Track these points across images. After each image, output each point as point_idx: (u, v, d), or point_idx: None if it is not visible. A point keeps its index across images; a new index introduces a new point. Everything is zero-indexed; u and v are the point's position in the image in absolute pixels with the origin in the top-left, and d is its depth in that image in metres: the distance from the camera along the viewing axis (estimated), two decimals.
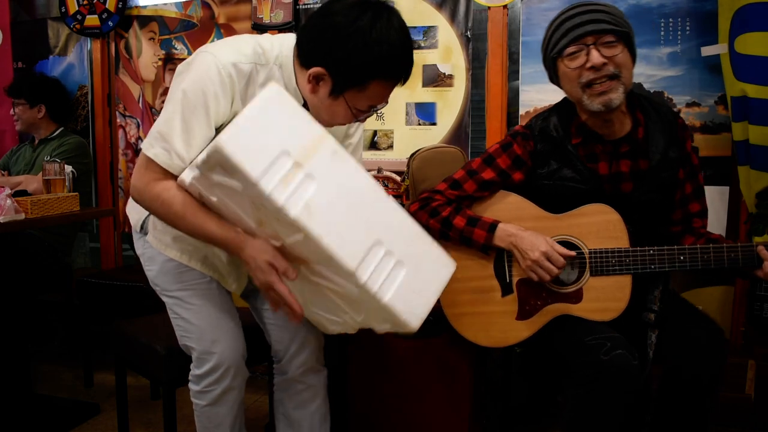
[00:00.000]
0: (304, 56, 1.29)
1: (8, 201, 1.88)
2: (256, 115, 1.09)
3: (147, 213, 1.53)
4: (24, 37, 3.17)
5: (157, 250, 1.51)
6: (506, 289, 1.61)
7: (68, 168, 2.33)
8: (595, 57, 1.43)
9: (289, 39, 1.35)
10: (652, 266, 1.49)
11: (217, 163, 1.09)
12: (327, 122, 1.33)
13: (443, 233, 1.61)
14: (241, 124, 1.08)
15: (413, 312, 1.18)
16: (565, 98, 1.63)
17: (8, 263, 2.13)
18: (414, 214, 1.64)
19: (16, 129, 2.84)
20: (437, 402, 1.87)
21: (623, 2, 2.29)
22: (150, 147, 1.30)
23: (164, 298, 1.53)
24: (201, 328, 1.45)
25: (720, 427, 2.13)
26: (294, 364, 1.57)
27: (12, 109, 2.81)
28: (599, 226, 1.53)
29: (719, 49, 2.06)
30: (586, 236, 1.54)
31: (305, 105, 1.35)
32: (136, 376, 1.91)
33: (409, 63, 1.29)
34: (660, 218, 1.60)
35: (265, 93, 1.12)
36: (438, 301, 1.69)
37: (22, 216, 1.93)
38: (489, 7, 2.45)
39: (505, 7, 2.44)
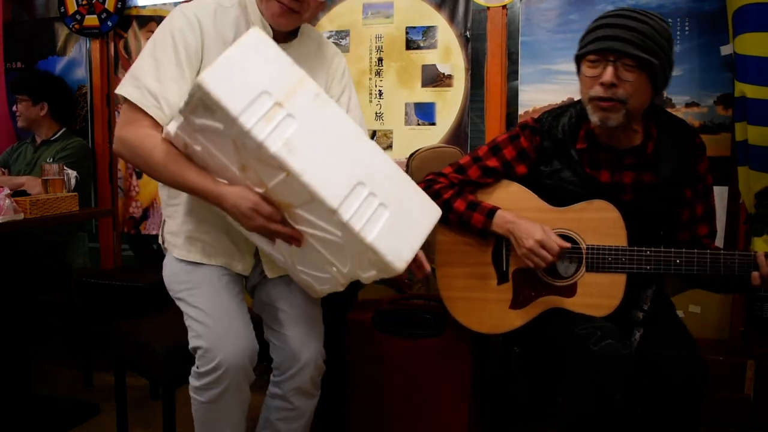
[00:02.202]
0: None
1: (7, 201, 1.88)
2: (238, 56, 1.12)
3: (163, 220, 1.56)
4: (23, 37, 3.17)
5: (170, 254, 1.55)
6: (502, 278, 1.62)
7: (73, 173, 2.34)
8: (607, 75, 1.43)
9: None
10: (648, 267, 1.49)
11: (199, 102, 1.10)
12: (272, 17, 1.37)
13: (443, 216, 1.62)
14: (223, 62, 1.10)
15: (398, 254, 1.17)
16: (581, 100, 1.62)
17: (8, 263, 2.13)
18: None
19: (18, 125, 2.84)
20: (437, 402, 1.87)
21: (623, 2, 2.29)
22: (121, 87, 1.34)
23: (176, 302, 1.53)
24: (206, 325, 1.43)
25: (719, 427, 2.13)
26: (289, 385, 1.55)
27: (14, 105, 2.81)
28: (599, 222, 1.54)
29: (729, 49, 2.06)
30: (585, 231, 1.55)
31: (277, 39, 1.39)
32: (136, 376, 1.91)
33: None
34: (659, 231, 1.60)
35: (247, 36, 1.14)
36: (437, 287, 1.70)
37: (21, 216, 1.92)
38: (488, 8, 2.45)
39: (504, 7, 2.44)
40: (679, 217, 1.59)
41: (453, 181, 1.65)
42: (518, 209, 1.59)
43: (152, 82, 1.31)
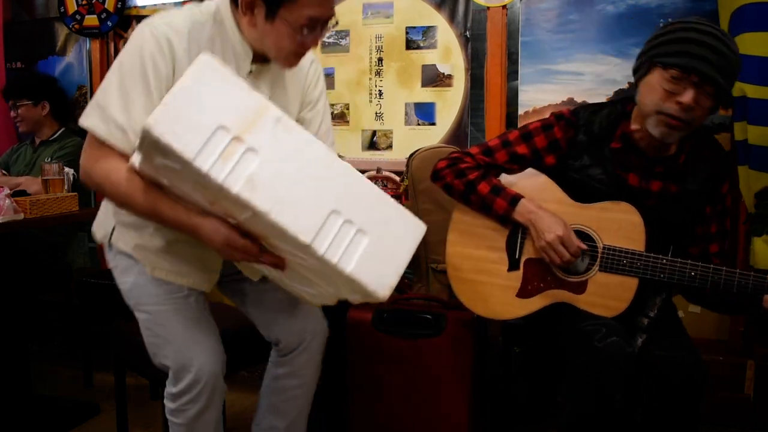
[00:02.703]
0: None
1: (7, 201, 1.88)
2: (186, 91, 1.04)
3: (112, 226, 1.49)
4: (23, 37, 3.17)
5: (128, 262, 1.47)
6: (513, 265, 1.61)
7: (70, 170, 2.33)
8: (688, 97, 1.38)
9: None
10: (662, 275, 1.48)
11: (151, 146, 1.05)
12: (277, 54, 1.29)
13: (465, 195, 1.62)
14: (170, 102, 1.02)
15: (380, 281, 1.12)
16: (622, 99, 1.61)
17: (8, 263, 2.13)
18: (440, 171, 1.66)
19: (21, 131, 2.82)
20: (437, 402, 1.87)
21: (623, 2, 2.30)
22: (86, 117, 1.25)
23: (138, 314, 1.47)
24: (177, 344, 1.40)
25: (719, 427, 2.13)
26: (301, 359, 1.53)
27: (13, 111, 2.77)
28: (620, 224, 1.52)
29: None
30: (604, 231, 1.54)
31: (256, 57, 1.33)
32: (136, 376, 1.91)
33: None
34: (673, 242, 1.60)
35: (195, 66, 1.06)
36: (437, 279, 1.70)
37: (21, 216, 1.92)
38: (488, 7, 2.45)
39: (504, 7, 2.44)
40: (694, 231, 1.59)
41: (479, 162, 1.63)
42: (540, 199, 1.58)
43: (120, 115, 1.23)
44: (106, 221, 1.51)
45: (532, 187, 1.62)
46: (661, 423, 1.43)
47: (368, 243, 1.11)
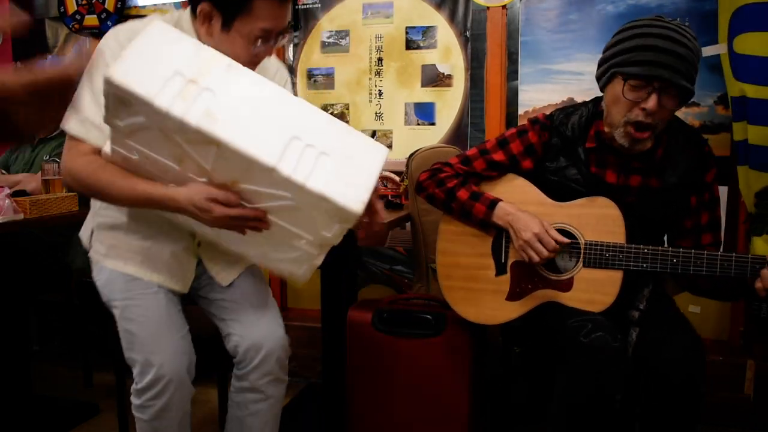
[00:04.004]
0: (192, 3, 1.32)
1: (7, 201, 1.88)
2: (141, 46, 1.11)
3: (91, 229, 1.52)
4: (23, 37, 3.17)
5: (103, 260, 1.51)
6: (500, 269, 1.63)
7: None
8: (653, 103, 1.41)
9: (188, 10, 1.37)
10: (645, 265, 1.49)
11: (115, 100, 1.10)
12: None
13: (446, 204, 1.65)
14: (127, 55, 1.10)
15: (351, 196, 1.14)
16: (594, 99, 1.63)
17: (8, 263, 2.13)
18: (422, 183, 1.70)
19: None
20: (437, 402, 1.87)
21: (623, 2, 2.30)
22: (65, 121, 1.32)
23: (112, 310, 1.49)
24: (142, 339, 1.40)
25: (719, 427, 2.13)
26: (257, 373, 1.51)
27: None
28: (598, 219, 1.54)
29: (719, 49, 2.06)
30: (585, 227, 1.55)
31: None
32: None
33: None
34: (660, 236, 1.60)
35: (150, 26, 1.14)
36: (436, 279, 1.70)
37: (21, 216, 1.92)
38: (488, 7, 2.45)
39: (504, 7, 2.44)
40: (683, 224, 1.59)
41: (458, 171, 1.67)
42: (520, 202, 1.60)
43: (94, 114, 1.30)
44: (88, 225, 1.55)
45: (512, 191, 1.64)
46: (660, 422, 1.43)
47: (332, 163, 1.15)
